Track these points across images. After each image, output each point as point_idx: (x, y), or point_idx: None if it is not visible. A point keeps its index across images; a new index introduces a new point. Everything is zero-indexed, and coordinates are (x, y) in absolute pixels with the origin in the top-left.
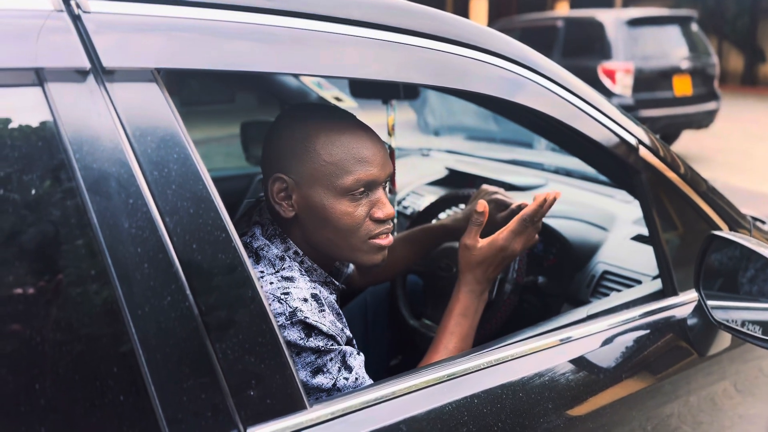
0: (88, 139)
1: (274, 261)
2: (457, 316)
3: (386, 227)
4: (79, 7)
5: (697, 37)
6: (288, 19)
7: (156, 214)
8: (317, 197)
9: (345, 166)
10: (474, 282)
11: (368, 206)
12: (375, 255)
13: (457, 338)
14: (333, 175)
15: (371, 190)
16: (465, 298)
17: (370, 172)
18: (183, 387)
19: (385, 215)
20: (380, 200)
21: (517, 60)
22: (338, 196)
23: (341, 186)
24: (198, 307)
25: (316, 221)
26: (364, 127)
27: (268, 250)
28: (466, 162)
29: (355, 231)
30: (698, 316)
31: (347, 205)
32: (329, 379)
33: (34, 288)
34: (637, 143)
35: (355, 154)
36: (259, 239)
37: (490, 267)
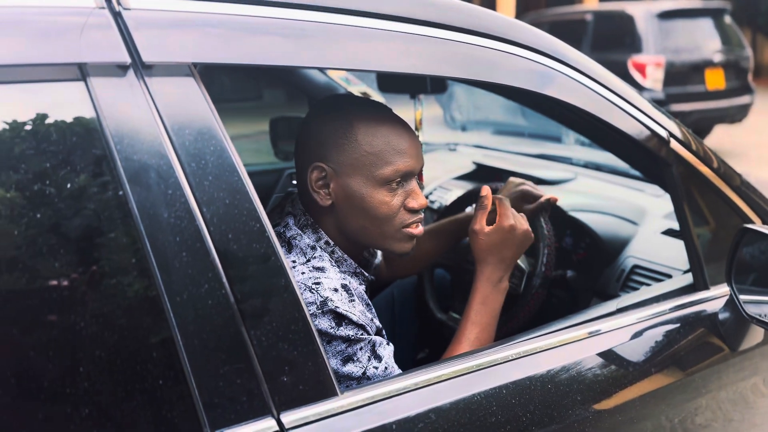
0: (128, 132)
1: (306, 250)
2: (476, 305)
3: (419, 217)
4: (119, 4)
5: (730, 29)
6: (320, 14)
7: (194, 205)
8: (356, 186)
9: (385, 156)
10: (489, 269)
11: (403, 196)
12: (406, 243)
13: (479, 328)
14: (373, 165)
15: (406, 181)
16: (482, 287)
17: (407, 163)
18: (219, 372)
19: (419, 205)
20: (414, 191)
21: (547, 52)
22: (377, 186)
23: (380, 176)
24: (234, 295)
25: (352, 210)
26: (399, 119)
27: (300, 239)
28: (494, 156)
29: (390, 220)
30: (730, 310)
31: (385, 195)
32: (359, 367)
33: (78, 275)
34: (668, 136)
35: (394, 146)
36: (292, 229)
37: (504, 251)
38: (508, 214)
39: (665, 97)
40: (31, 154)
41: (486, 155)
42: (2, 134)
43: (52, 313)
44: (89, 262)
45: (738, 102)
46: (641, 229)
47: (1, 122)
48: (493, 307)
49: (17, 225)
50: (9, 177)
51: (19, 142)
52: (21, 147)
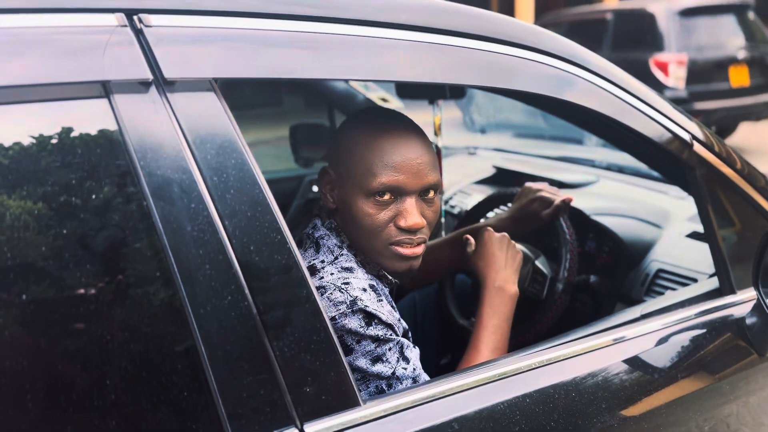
0: (151, 147)
1: (333, 249)
2: (486, 308)
3: (408, 236)
4: (141, 22)
5: (754, 25)
6: (337, 25)
7: (216, 218)
8: (348, 195)
9: (373, 168)
10: (489, 277)
11: (394, 212)
12: (397, 262)
13: (490, 331)
14: (362, 175)
15: (400, 197)
16: (487, 293)
17: (394, 178)
18: (243, 383)
19: (407, 225)
20: (407, 209)
21: (566, 57)
22: (364, 197)
23: (367, 187)
24: (256, 306)
25: (348, 218)
26: (409, 135)
27: (328, 239)
28: (514, 160)
29: (375, 233)
30: (757, 314)
31: (371, 207)
32: (388, 367)
33: (104, 287)
34: (690, 139)
35: (385, 159)
36: (320, 229)
37: (495, 255)
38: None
39: (688, 96)
40: (58, 169)
41: (506, 158)
42: (30, 150)
43: (79, 324)
44: (115, 274)
45: (763, 99)
46: (665, 232)
47: (29, 139)
48: (502, 310)
49: (45, 237)
50: (37, 192)
51: (46, 158)
52: (48, 163)
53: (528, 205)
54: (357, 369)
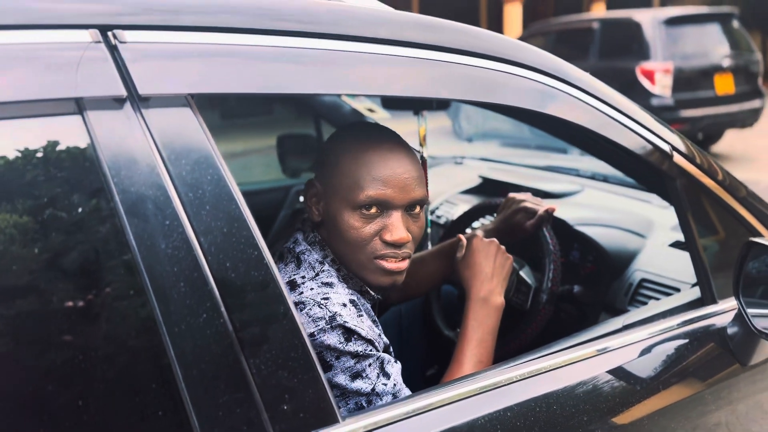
0: (125, 164)
1: (314, 264)
2: (470, 321)
3: (393, 250)
4: (116, 38)
5: (738, 34)
6: (317, 40)
7: (191, 235)
8: (334, 207)
9: (359, 181)
10: (474, 287)
11: (379, 226)
12: (381, 277)
13: (474, 344)
14: (348, 188)
15: (386, 211)
16: (472, 304)
17: (382, 191)
18: (218, 402)
19: (393, 239)
20: (392, 223)
21: (549, 71)
22: (350, 210)
23: (353, 200)
24: (232, 323)
25: (334, 231)
26: (397, 150)
27: (309, 254)
28: (500, 169)
29: (360, 247)
30: (738, 324)
31: (356, 220)
32: (368, 384)
33: (75, 308)
34: (671, 150)
35: (372, 172)
36: (301, 244)
37: (481, 265)
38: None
39: (674, 103)
40: (29, 188)
41: (492, 168)
42: (2, 167)
43: (51, 345)
44: (87, 292)
45: (748, 106)
46: (648, 241)
47: (1, 156)
48: (486, 323)
49: (17, 257)
50: (9, 208)
51: (18, 177)
52: (19, 181)
53: (512, 216)
54: (336, 385)
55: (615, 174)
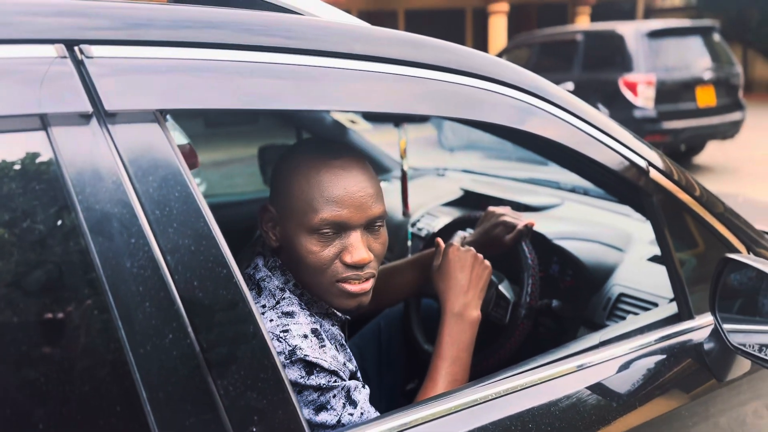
0: (90, 181)
1: (275, 292)
2: (444, 337)
3: (356, 272)
4: (82, 53)
5: (719, 47)
6: (291, 56)
7: (158, 253)
8: (291, 232)
9: (313, 204)
10: (449, 301)
11: (339, 248)
12: (345, 300)
13: (449, 362)
14: (302, 211)
15: (344, 232)
16: (447, 319)
17: (336, 213)
18: (185, 425)
19: (353, 261)
20: (352, 244)
21: (528, 89)
22: (307, 234)
23: (308, 223)
24: (200, 344)
25: (292, 256)
26: (350, 167)
27: (270, 281)
28: (482, 182)
29: (321, 271)
30: (715, 340)
31: (314, 244)
32: (333, 416)
33: (38, 328)
34: (647, 166)
35: (325, 194)
36: (261, 270)
37: (456, 276)
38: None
39: (657, 115)
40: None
41: (474, 180)
42: None
43: (12, 365)
44: (49, 313)
45: (729, 118)
46: (627, 256)
47: None
48: (461, 339)
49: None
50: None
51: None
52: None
53: (491, 229)
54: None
55: (595, 188)
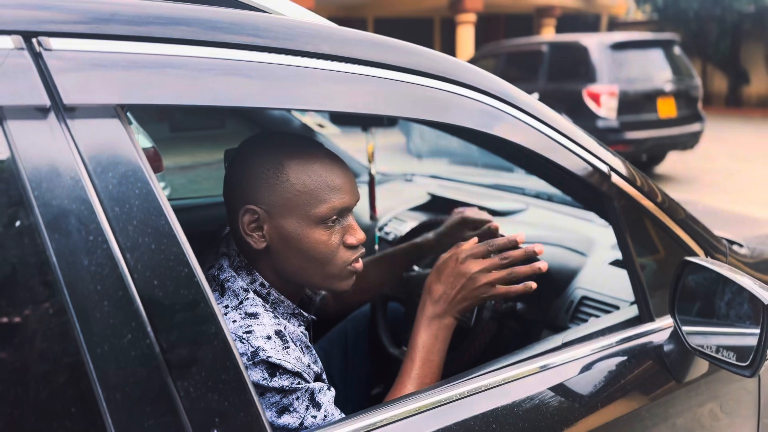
0: (47, 176)
1: (239, 292)
2: (417, 340)
3: (360, 252)
4: (40, 45)
5: (680, 60)
6: (255, 53)
7: (117, 251)
8: (291, 227)
9: (318, 194)
10: (428, 304)
11: (341, 233)
12: (349, 281)
13: (419, 364)
14: (307, 204)
15: (343, 217)
16: (421, 322)
17: (343, 199)
18: (144, 426)
19: (358, 240)
20: (351, 226)
21: (496, 94)
22: (312, 225)
23: (316, 215)
24: (159, 344)
25: (289, 251)
26: (332, 155)
27: (234, 281)
28: (449, 187)
29: (331, 259)
30: (674, 342)
31: (322, 234)
32: (296, 418)
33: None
34: (609, 171)
35: (328, 183)
36: (226, 271)
37: (447, 285)
38: (455, 251)
39: (619, 126)
40: None
41: (441, 186)
42: None
43: None
44: (3, 313)
45: (689, 129)
46: (589, 260)
47: None
48: (432, 342)
49: None
50: None
51: None
52: None
53: (455, 231)
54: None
55: (559, 193)
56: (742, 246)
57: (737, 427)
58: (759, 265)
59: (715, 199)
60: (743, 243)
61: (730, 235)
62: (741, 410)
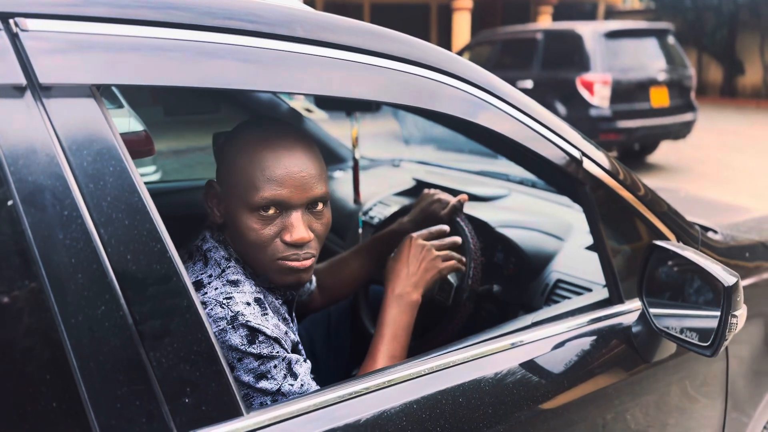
0: (23, 153)
1: (221, 261)
2: (386, 317)
3: (295, 251)
4: (17, 26)
5: (673, 49)
6: (232, 36)
7: (91, 226)
8: (233, 209)
9: (254, 182)
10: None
11: (279, 227)
12: (285, 276)
13: (388, 340)
14: (244, 189)
15: (285, 212)
16: (388, 300)
17: (277, 192)
18: (117, 394)
19: (293, 240)
20: (292, 224)
21: (480, 84)
22: (248, 212)
23: (249, 202)
24: (132, 316)
25: (235, 232)
26: (292, 147)
27: (216, 251)
28: (435, 173)
29: (262, 248)
30: (642, 323)
31: (255, 222)
32: (274, 384)
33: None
34: (581, 157)
35: (267, 173)
36: (208, 242)
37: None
38: (411, 236)
39: (612, 114)
40: None
41: (428, 171)
42: None
43: None
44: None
45: (681, 119)
46: (566, 244)
47: None
48: (401, 318)
49: None
50: None
51: None
52: None
53: (426, 207)
54: (242, 384)
55: (541, 181)
56: (717, 232)
57: (705, 405)
58: (731, 250)
59: (705, 189)
60: (718, 230)
61: (706, 222)
62: (709, 390)
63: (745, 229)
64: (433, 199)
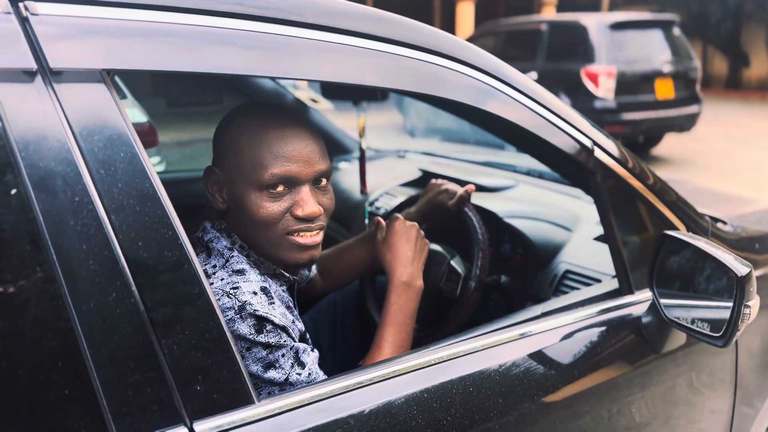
0: (34, 139)
1: (223, 251)
2: (390, 306)
3: (306, 225)
4: (27, 10)
5: (679, 41)
6: (241, 21)
7: (102, 212)
8: (239, 191)
9: (262, 160)
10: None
11: (289, 203)
12: (296, 253)
13: (394, 328)
14: (252, 169)
15: (294, 188)
16: (393, 289)
17: (286, 167)
18: (128, 381)
19: (305, 214)
20: (303, 198)
21: (489, 71)
22: (257, 191)
23: (258, 180)
24: (144, 303)
25: (242, 216)
26: (294, 125)
27: (218, 242)
28: (440, 164)
29: (271, 225)
30: (653, 314)
31: (264, 200)
32: (282, 373)
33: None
34: (592, 146)
35: (274, 150)
36: (210, 232)
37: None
38: (396, 216)
39: (617, 106)
40: None
41: (433, 162)
42: None
43: None
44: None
45: (686, 111)
46: (574, 235)
47: None
48: (408, 306)
49: None
50: None
51: None
52: None
53: (434, 197)
54: (251, 374)
55: (549, 171)
56: (726, 223)
57: (714, 397)
58: (741, 241)
59: (710, 181)
60: (727, 221)
61: (715, 213)
62: (718, 381)
63: (754, 220)
64: (440, 189)
